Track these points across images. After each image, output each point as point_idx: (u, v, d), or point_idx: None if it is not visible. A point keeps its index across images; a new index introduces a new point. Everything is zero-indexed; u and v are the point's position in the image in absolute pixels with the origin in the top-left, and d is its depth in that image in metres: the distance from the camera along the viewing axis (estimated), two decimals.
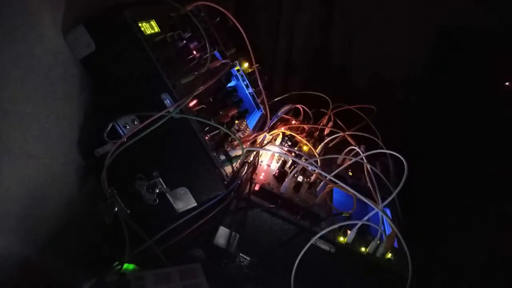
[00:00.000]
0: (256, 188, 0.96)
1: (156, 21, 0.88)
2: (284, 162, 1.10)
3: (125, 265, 0.84)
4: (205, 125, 0.86)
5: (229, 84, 1.15)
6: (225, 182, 0.87)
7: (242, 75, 1.22)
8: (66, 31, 0.81)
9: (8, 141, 0.72)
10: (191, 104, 0.87)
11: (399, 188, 0.88)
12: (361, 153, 1.05)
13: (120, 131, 0.82)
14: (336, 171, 0.97)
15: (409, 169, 0.88)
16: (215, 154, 0.86)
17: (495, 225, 1.31)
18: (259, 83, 1.25)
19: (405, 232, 0.92)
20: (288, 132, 1.21)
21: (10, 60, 0.70)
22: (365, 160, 1.04)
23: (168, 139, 0.84)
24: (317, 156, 1.14)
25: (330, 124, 1.35)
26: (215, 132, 0.88)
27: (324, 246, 0.88)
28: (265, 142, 1.13)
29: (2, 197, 0.73)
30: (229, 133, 0.90)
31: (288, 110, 1.33)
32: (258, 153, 1.05)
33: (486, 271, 1.21)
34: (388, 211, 1.08)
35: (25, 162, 0.77)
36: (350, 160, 1.10)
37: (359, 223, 0.89)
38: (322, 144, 1.21)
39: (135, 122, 0.82)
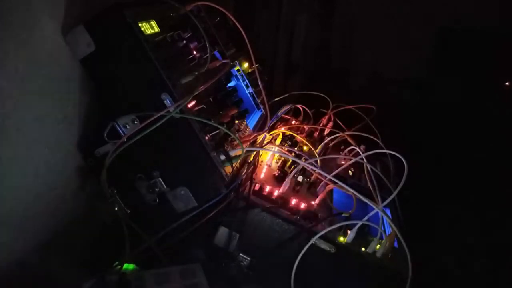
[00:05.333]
0: (256, 188, 0.96)
1: (156, 21, 0.88)
2: (284, 162, 1.10)
3: (125, 265, 0.84)
4: (205, 125, 0.86)
5: (229, 84, 1.15)
6: (225, 182, 0.87)
7: (242, 75, 1.22)
8: (66, 31, 0.81)
9: (8, 141, 0.72)
10: (191, 104, 0.87)
11: (399, 188, 0.88)
12: (361, 153, 1.05)
13: (120, 131, 0.82)
14: (336, 171, 0.97)
15: (409, 169, 0.88)
16: (215, 154, 0.86)
17: (495, 225, 1.31)
18: (259, 83, 1.25)
19: (405, 232, 0.92)
20: (288, 132, 1.21)
21: (10, 61, 0.70)
22: (365, 160, 1.04)
23: (168, 139, 0.84)
24: (317, 156, 1.14)
25: (330, 124, 1.35)
26: (215, 132, 0.88)
27: (324, 246, 0.88)
28: (265, 142, 1.13)
29: (2, 197, 0.73)
30: (229, 133, 0.90)
31: (288, 110, 1.33)
32: (258, 153, 1.05)
33: (486, 270, 1.21)
34: (388, 211, 1.08)
35: (25, 162, 0.77)
36: (350, 160, 1.10)
37: (359, 223, 0.89)
38: (322, 144, 1.21)
39: (135, 122, 0.82)
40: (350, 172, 1.21)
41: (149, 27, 0.84)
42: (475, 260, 1.24)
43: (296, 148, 1.17)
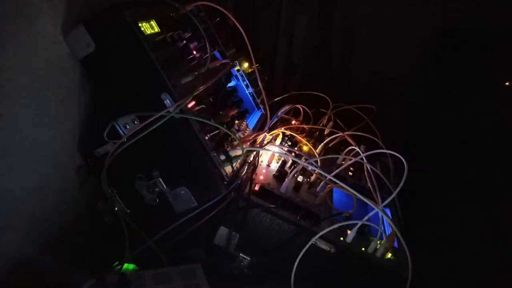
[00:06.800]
0: (256, 188, 0.96)
1: (156, 21, 0.88)
2: (284, 162, 1.10)
3: (125, 265, 0.84)
4: (205, 125, 0.86)
5: (229, 84, 1.15)
6: (225, 182, 0.87)
7: (242, 75, 1.22)
8: (66, 31, 0.81)
9: (8, 141, 0.72)
10: (191, 104, 0.87)
11: (399, 188, 0.88)
12: (361, 153, 1.05)
13: (120, 131, 0.82)
14: (336, 171, 0.97)
15: (409, 169, 0.88)
16: (215, 154, 0.86)
17: (495, 225, 1.31)
18: (259, 83, 1.25)
19: (405, 232, 0.92)
20: (288, 132, 1.22)
21: (10, 61, 0.70)
22: (365, 160, 1.04)
23: (168, 139, 0.84)
24: (317, 156, 1.14)
25: (330, 124, 1.35)
26: (215, 132, 0.88)
27: (324, 246, 0.88)
28: (265, 142, 1.13)
29: (2, 198, 0.73)
30: (229, 133, 0.90)
31: (288, 110, 1.33)
32: (258, 153, 1.05)
33: (486, 271, 1.21)
34: (388, 211, 1.08)
35: (25, 162, 0.77)
36: (350, 160, 1.10)
37: (359, 223, 0.89)
38: (322, 144, 1.21)
39: (135, 122, 0.82)
40: (350, 172, 1.21)
41: (149, 27, 0.84)
42: (476, 260, 1.24)
43: (296, 148, 1.17)
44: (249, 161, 1.04)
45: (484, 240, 1.29)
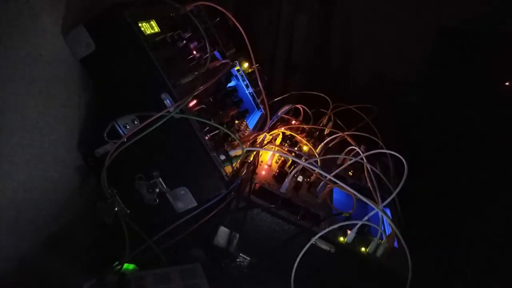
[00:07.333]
0: (256, 188, 0.96)
1: (156, 21, 0.88)
2: (284, 162, 1.10)
3: (125, 265, 0.84)
4: (205, 125, 0.86)
5: (229, 84, 1.15)
6: (225, 182, 0.87)
7: (242, 75, 1.22)
8: (66, 31, 0.81)
9: (8, 141, 0.72)
10: (191, 104, 0.87)
11: (399, 188, 0.88)
12: (361, 153, 1.05)
13: (120, 131, 0.82)
14: (336, 171, 0.97)
15: (409, 169, 0.88)
16: (215, 154, 0.86)
17: (495, 225, 1.31)
18: (259, 83, 1.25)
19: (405, 232, 0.92)
20: (288, 132, 1.21)
21: (10, 60, 0.70)
22: (365, 160, 1.04)
23: (168, 139, 0.84)
24: (317, 156, 1.14)
25: (330, 124, 1.35)
26: (215, 132, 0.88)
27: (324, 246, 0.88)
28: (265, 142, 1.13)
29: (2, 198, 0.73)
30: (229, 133, 0.90)
31: (288, 110, 1.33)
32: (258, 153, 1.05)
33: (486, 271, 1.21)
34: (388, 211, 1.08)
35: (25, 162, 0.77)
36: (350, 160, 1.10)
37: (359, 223, 0.89)
38: (322, 144, 1.21)
39: (135, 122, 0.82)
40: (350, 172, 1.21)
41: (149, 27, 0.84)
42: (475, 260, 1.24)
43: (296, 148, 1.17)
44: (249, 161, 1.04)
45: (484, 240, 1.29)
